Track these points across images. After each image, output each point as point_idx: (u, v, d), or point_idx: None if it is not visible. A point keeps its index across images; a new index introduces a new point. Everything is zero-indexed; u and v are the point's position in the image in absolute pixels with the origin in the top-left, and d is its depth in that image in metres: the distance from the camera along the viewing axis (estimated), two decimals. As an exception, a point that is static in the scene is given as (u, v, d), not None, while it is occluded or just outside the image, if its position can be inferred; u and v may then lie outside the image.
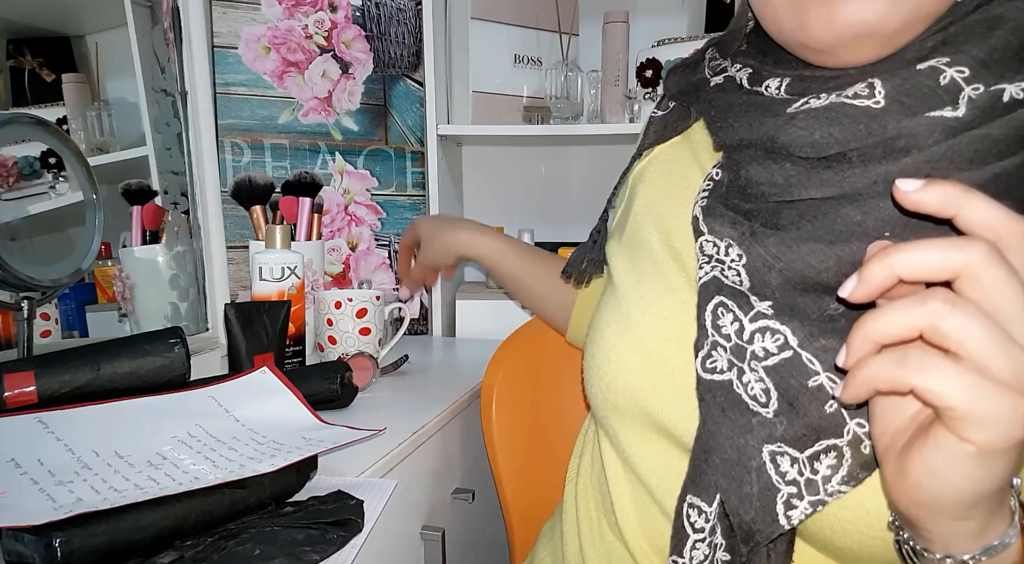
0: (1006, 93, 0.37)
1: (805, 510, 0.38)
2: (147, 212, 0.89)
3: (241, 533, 0.46)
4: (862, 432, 0.38)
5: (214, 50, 1.07)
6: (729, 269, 0.44)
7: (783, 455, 0.39)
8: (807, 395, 0.39)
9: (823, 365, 0.39)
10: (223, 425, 0.56)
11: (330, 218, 1.16)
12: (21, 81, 0.78)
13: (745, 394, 0.42)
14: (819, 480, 0.38)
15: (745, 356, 0.42)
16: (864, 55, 0.41)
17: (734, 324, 0.43)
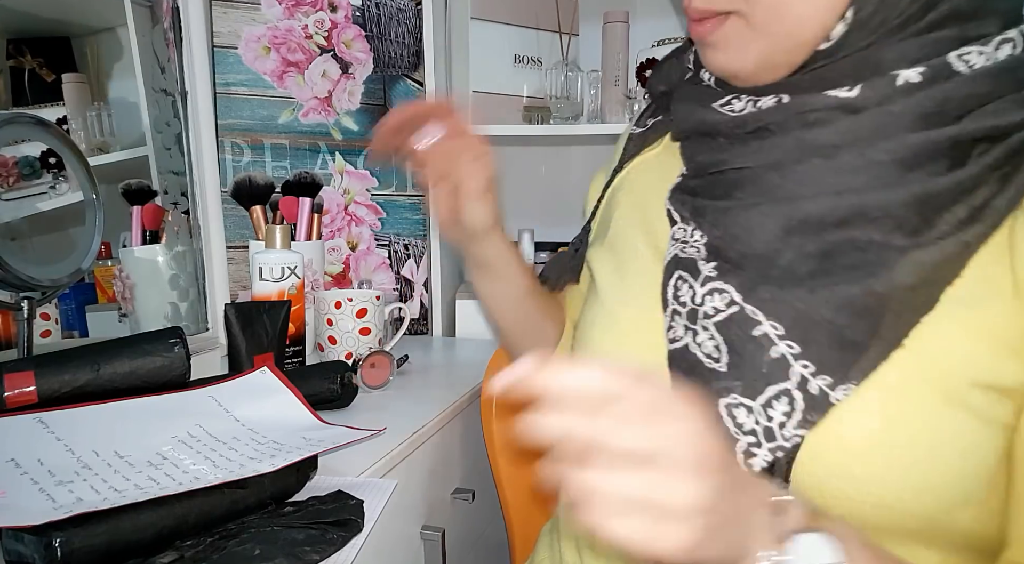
0: (900, 77, 0.41)
1: (766, 457, 0.40)
2: (147, 212, 0.89)
3: (241, 533, 0.46)
4: (807, 373, 0.40)
5: (214, 50, 1.07)
6: (691, 247, 0.48)
7: (738, 407, 0.42)
8: (753, 344, 0.42)
9: (764, 314, 0.42)
10: (223, 425, 0.56)
11: (330, 218, 1.16)
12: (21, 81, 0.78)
13: (700, 353, 0.44)
14: (775, 426, 0.40)
15: (697, 318, 0.45)
16: (744, 84, 0.47)
17: (689, 291, 0.46)
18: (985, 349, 0.37)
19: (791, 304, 0.41)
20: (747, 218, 0.44)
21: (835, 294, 0.40)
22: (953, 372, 0.38)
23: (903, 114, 0.40)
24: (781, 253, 0.42)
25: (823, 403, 0.39)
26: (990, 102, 0.40)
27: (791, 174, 0.43)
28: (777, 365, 0.41)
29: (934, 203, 0.39)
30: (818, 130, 0.42)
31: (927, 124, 0.40)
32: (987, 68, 0.40)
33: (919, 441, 0.38)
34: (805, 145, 0.43)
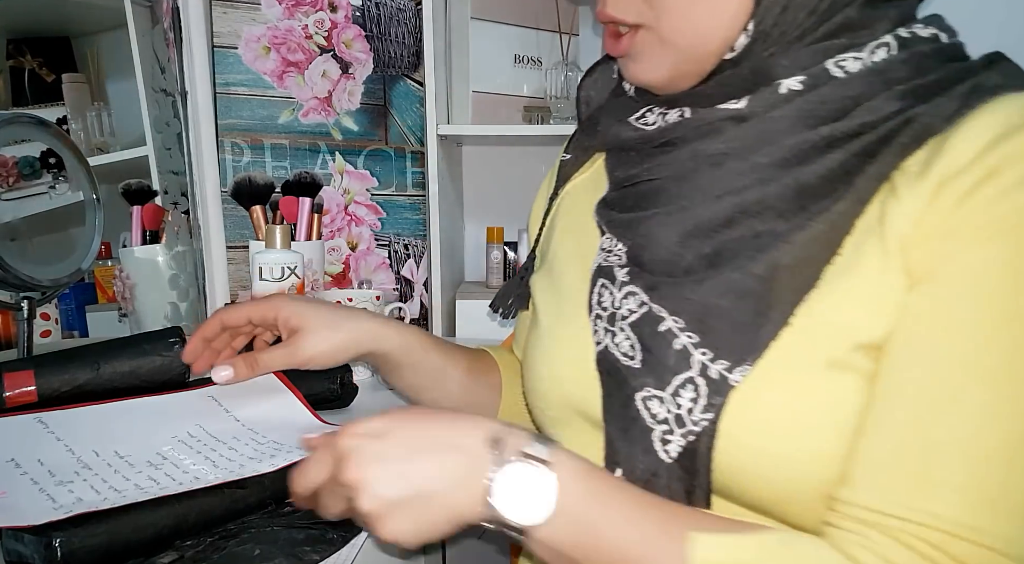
0: (782, 86, 0.44)
1: (679, 442, 0.44)
2: (147, 212, 0.89)
3: (241, 533, 0.46)
4: (706, 360, 0.43)
5: (214, 50, 1.07)
6: (614, 255, 0.51)
7: (652, 398, 0.45)
8: (659, 339, 0.45)
9: (668, 311, 0.46)
10: (223, 425, 0.56)
11: (330, 218, 1.16)
12: (21, 81, 0.78)
13: (618, 353, 0.48)
14: (684, 413, 0.43)
15: (615, 320, 0.49)
16: (662, 92, 0.50)
17: (609, 297, 0.50)
18: (863, 314, 0.40)
19: (686, 297, 0.45)
20: (648, 228, 0.48)
21: (720, 282, 0.44)
22: (837, 340, 0.40)
23: (782, 119, 0.44)
24: (682, 257, 0.46)
25: (723, 386, 0.42)
26: (864, 102, 0.43)
27: (687, 183, 0.47)
28: (680, 356, 0.44)
29: (808, 192, 0.43)
30: (710, 141, 0.47)
31: (805, 127, 0.44)
32: (860, 71, 0.43)
33: (813, 409, 0.40)
34: (699, 155, 0.47)
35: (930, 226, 0.39)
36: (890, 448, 0.37)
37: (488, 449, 0.40)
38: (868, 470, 0.38)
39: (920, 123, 0.41)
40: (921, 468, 0.36)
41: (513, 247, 1.36)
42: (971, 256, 0.37)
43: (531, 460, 0.39)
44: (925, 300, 0.38)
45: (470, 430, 0.41)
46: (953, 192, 0.38)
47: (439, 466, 0.40)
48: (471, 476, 0.39)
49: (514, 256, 1.37)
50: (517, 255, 1.35)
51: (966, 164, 0.38)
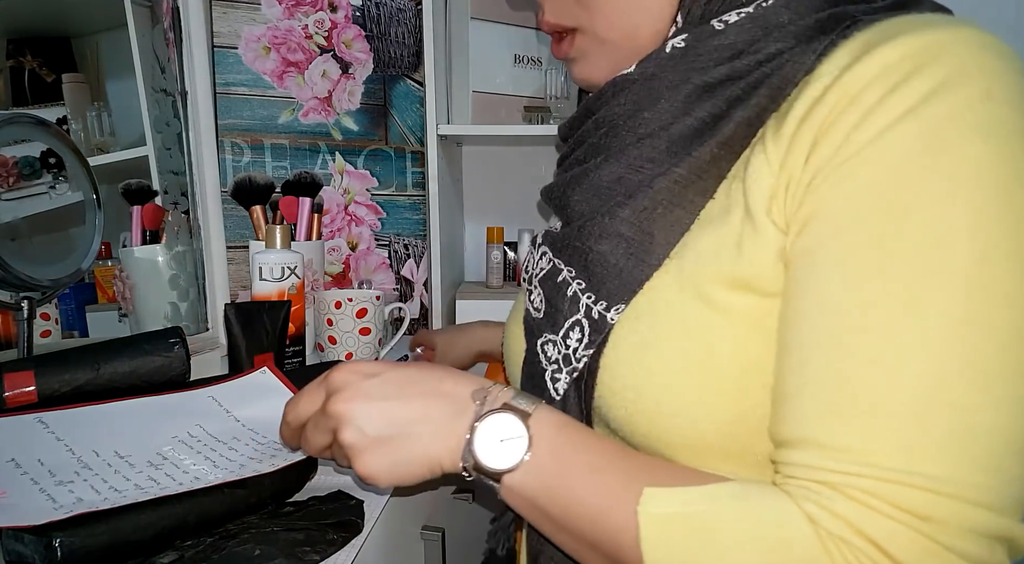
0: (668, 46, 0.46)
1: (566, 380, 0.47)
2: (147, 212, 0.89)
3: (241, 533, 0.46)
4: (590, 302, 0.46)
5: (214, 50, 1.07)
6: (553, 226, 0.55)
7: (549, 343, 0.49)
8: (555, 288, 0.49)
9: (563, 263, 0.49)
10: (223, 425, 0.56)
11: (330, 218, 1.16)
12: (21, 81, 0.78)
13: (532, 308, 0.52)
14: (571, 352, 0.47)
15: (532, 279, 0.53)
16: None
17: (531, 261, 0.55)
18: (726, 251, 0.40)
19: (573, 246, 0.48)
20: (563, 194, 0.51)
21: (596, 226, 0.46)
22: (704, 277, 0.41)
23: (664, 77, 0.46)
24: (579, 213, 0.49)
25: (602, 325, 0.45)
26: (742, 49, 0.44)
27: (591, 149, 0.51)
28: (572, 301, 0.47)
29: (678, 141, 0.44)
30: (608, 108, 0.49)
31: (682, 81, 0.45)
32: (738, 20, 0.44)
33: (686, 348, 0.41)
34: (600, 122, 0.50)
35: (792, 169, 0.38)
36: (813, 402, 0.35)
37: (472, 400, 0.42)
38: (798, 428, 0.36)
39: (792, 63, 0.40)
40: (848, 417, 0.34)
41: (513, 247, 1.36)
42: (841, 191, 0.35)
43: (511, 411, 0.40)
44: (807, 245, 0.37)
45: (459, 381, 0.43)
46: (809, 128, 0.37)
47: (424, 409, 0.41)
48: (453, 423, 0.41)
49: (514, 256, 1.37)
50: (517, 255, 1.35)
51: (819, 96, 0.37)
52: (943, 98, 0.34)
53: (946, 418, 0.32)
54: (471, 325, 0.95)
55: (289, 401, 0.46)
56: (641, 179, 0.46)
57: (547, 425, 0.41)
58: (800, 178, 0.37)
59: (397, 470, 0.41)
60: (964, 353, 0.32)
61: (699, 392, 0.40)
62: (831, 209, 0.36)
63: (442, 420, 0.41)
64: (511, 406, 0.41)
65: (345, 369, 0.43)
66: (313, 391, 0.44)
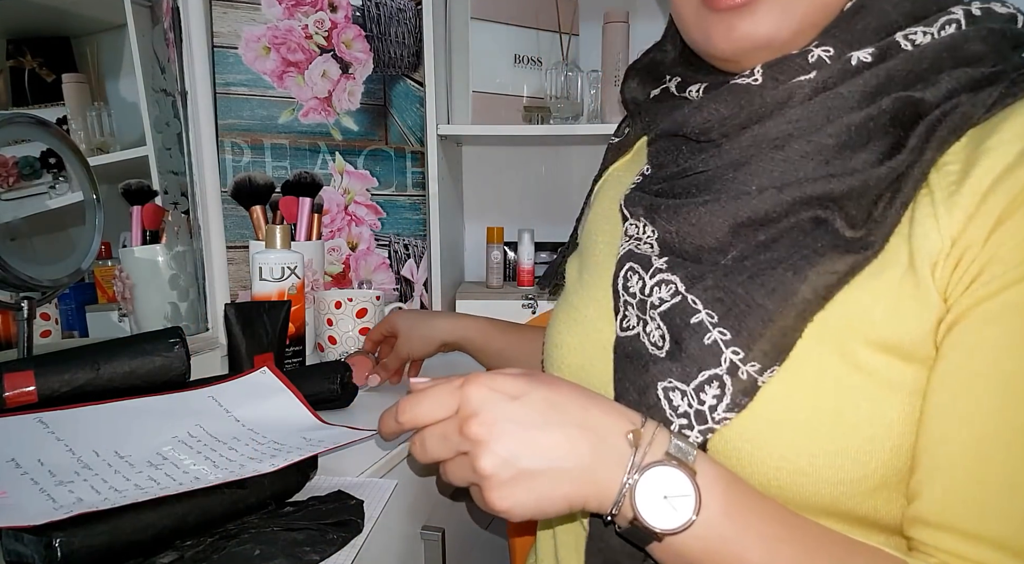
0: (854, 58, 0.42)
1: (696, 439, 0.42)
2: (147, 212, 0.89)
3: (241, 533, 0.46)
4: (737, 359, 0.41)
5: (214, 50, 1.07)
6: (644, 243, 0.49)
7: (674, 390, 0.43)
8: (689, 331, 0.43)
9: (703, 304, 0.43)
10: (223, 425, 0.55)
11: (330, 218, 1.16)
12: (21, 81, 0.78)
13: (648, 342, 0.47)
14: (706, 410, 0.42)
15: (647, 308, 0.47)
16: (758, 59, 0.46)
17: (639, 283, 0.48)
18: (878, 311, 0.39)
19: (730, 290, 0.42)
20: (698, 215, 0.45)
21: (771, 279, 0.41)
22: (850, 337, 0.40)
23: (850, 95, 0.42)
24: (732, 246, 0.44)
25: (752, 387, 0.41)
26: (931, 77, 0.41)
27: (745, 169, 0.45)
28: (710, 351, 0.42)
29: (870, 194, 0.41)
30: (771, 123, 0.44)
31: (870, 102, 0.42)
32: (930, 45, 0.42)
33: (820, 405, 0.40)
34: (759, 139, 0.44)
35: (970, 242, 0.37)
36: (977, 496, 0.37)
37: (627, 442, 0.38)
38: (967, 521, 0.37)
39: (960, 112, 0.39)
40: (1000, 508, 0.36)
41: (513, 247, 1.36)
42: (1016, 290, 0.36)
43: (675, 464, 0.37)
44: (979, 332, 0.37)
45: (606, 411, 0.39)
46: (996, 204, 0.36)
47: (571, 443, 0.37)
48: (609, 468, 0.37)
49: (514, 256, 1.37)
50: (517, 255, 1.35)
51: (1007, 168, 0.36)
52: None
53: None
54: (436, 314, 0.90)
55: (408, 399, 0.41)
56: (834, 232, 0.41)
57: (715, 482, 0.38)
58: (978, 252, 0.37)
59: (540, 506, 0.37)
60: None
61: (833, 455, 0.40)
62: (1009, 307, 0.36)
63: (594, 460, 0.37)
64: (674, 457, 0.37)
65: (485, 384, 0.39)
66: (443, 397, 0.40)
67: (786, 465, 0.40)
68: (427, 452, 0.40)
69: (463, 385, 0.39)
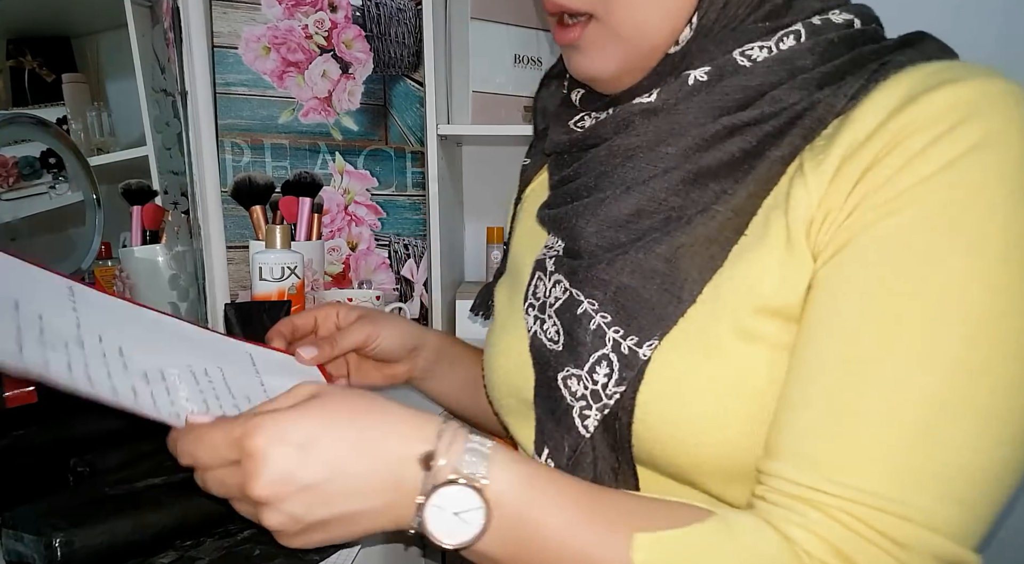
0: (690, 77, 0.46)
1: (596, 417, 0.46)
2: (147, 212, 0.89)
3: (241, 533, 0.46)
4: (618, 336, 0.45)
5: (214, 50, 1.07)
6: (553, 251, 0.54)
7: (571, 377, 0.48)
8: (576, 321, 0.48)
9: (584, 295, 0.48)
10: (244, 380, 0.51)
11: (330, 218, 1.16)
12: (21, 81, 0.78)
13: (545, 339, 0.51)
14: (599, 388, 0.46)
15: (546, 308, 0.52)
16: (605, 89, 0.52)
17: (543, 288, 0.53)
18: (765, 281, 0.42)
19: (600, 279, 0.47)
20: (572, 222, 0.50)
21: (627, 263, 0.46)
22: (741, 307, 0.42)
23: (688, 111, 0.46)
24: (599, 246, 0.48)
25: (634, 360, 0.44)
26: (767, 92, 0.44)
27: (605, 177, 0.49)
28: (596, 335, 0.46)
29: (707, 175, 0.45)
30: (624, 136, 0.48)
31: (708, 118, 0.45)
32: (766, 60, 0.44)
33: (723, 376, 0.42)
34: (614, 151, 0.49)
35: (832, 203, 0.40)
36: (813, 420, 0.38)
37: (420, 466, 0.37)
38: (794, 442, 0.38)
39: (824, 104, 0.42)
40: (844, 440, 0.37)
41: (513, 247, 1.36)
42: (876, 229, 0.38)
43: (463, 482, 0.37)
44: (834, 272, 0.39)
45: (402, 437, 0.38)
46: (854, 167, 0.39)
47: (365, 488, 0.37)
48: (398, 498, 0.38)
49: (514, 256, 1.37)
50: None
51: (865, 137, 0.39)
52: (983, 155, 0.36)
53: (935, 454, 0.35)
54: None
55: (186, 437, 0.39)
56: (669, 214, 0.46)
57: (506, 488, 0.38)
58: (838, 212, 0.39)
59: (336, 540, 0.39)
60: (961, 396, 0.35)
61: (738, 421, 0.41)
62: (862, 244, 0.38)
63: (385, 497, 0.37)
64: (463, 475, 0.37)
65: (269, 438, 0.36)
66: (221, 448, 0.37)
67: (706, 438, 0.42)
68: (208, 489, 0.39)
69: (243, 438, 0.36)
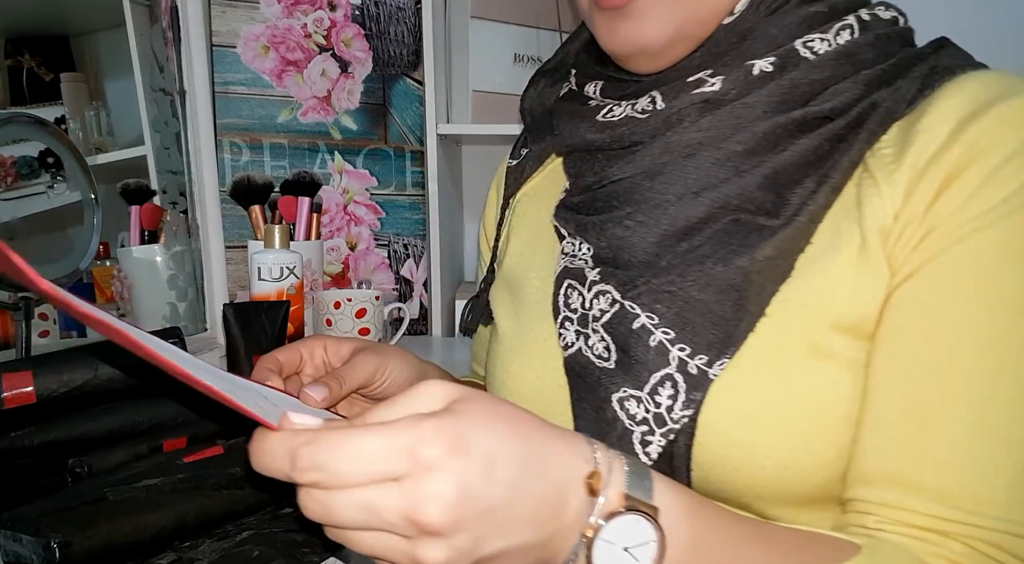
0: (755, 67, 0.43)
1: (659, 442, 0.42)
2: (145, 212, 0.89)
3: (240, 534, 0.46)
4: (684, 355, 0.42)
5: (213, 49, 1.06)
6: (579, 259, 0.49)
7: (629, 399, 0.43)
8: (633, 337, 0.44)
9: (641, 308, 0.44)
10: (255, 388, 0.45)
11: (329, 218, 1.16)
12: (19, 80, 0.78)
13: (592, 355, 0.46)
14: (663, 411, 0.42)
15: (588, 322, 0.47)
16: (646, 66, 0.47)
17: (579, 298, 0.48)
18: (839, 296, 0.40)
19: (664, 290, 0.43)
20: (623, 230, 0.46)
21: (703, 274, 0.42)
22: (814, 322, 0.41)
23: (756, 105, 0.43)
24: (660, 257, 0.45)
25: (703, 381, 0.41)
26: (832, 85, 0.43)
27: (659, 178, 0.45)
28: (657, 352, 0.43)
29: (782, 179, 0.42)
30: (682, 130, 0.45)
31: (777, 111, 0.43)
32: (829, 53, 0.43)
33: (792, 396, 0.40)
34: (671, 147, 0.45)
35: (910, 214, 0.39)
36: (918, 445, 0.38)
37: (587, 492, 0.32)
38: (904, 469, 0.38)
39: (884, 107, 0.42)
40: (961, 466, 0.37)
41: (512, 247, 1.36)
42: (961, 247, 0.38)
43: (635, 510, 0.32)
44: (918, 291, 0.39)
45: (566, 456, 0.32)
46: (931, 179, 0.39)
47: (537, 515, 0.31)
48: (561, 528, 0.32)
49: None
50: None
51: (938, 148, 0.39)
52: None
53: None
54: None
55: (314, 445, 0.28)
56: (744, 221, 0.42)
57: (677, 517, 0.33)
58: (918, 226, 0.39)
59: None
60: None
61: (805, 442, 0.40)
62: (945, 267, 0.38)
63: (551, 525, 0.31)
64: (634, 500, 0.32)
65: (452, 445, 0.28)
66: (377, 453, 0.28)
67: (770, 462, 0.40)
68: (332, 518, 0.29)
69: (418, 446, 0.28)
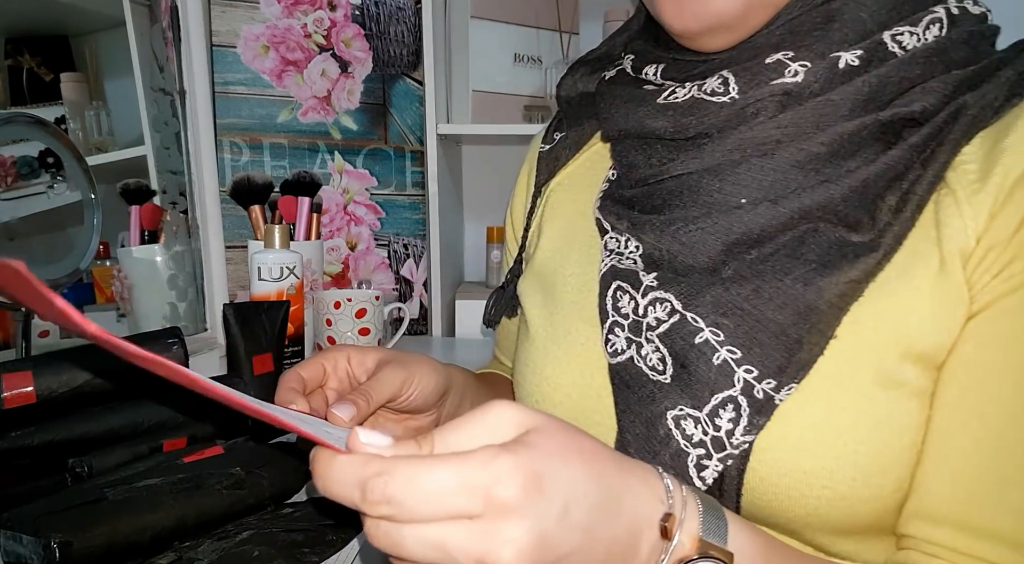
0: (841, 60, 0.40)
1: (716, 467, 0.39)
2: (145, 212, 0.89)
3: (240, 534, 0.46)
4: (751, 378, 0.39)
5: (213, 49, 1.06)
6: (627, 258, 0.46)
7: (686, 418, 0.40)
8: (695, 352, 0.40)
9: (705, 321, 0.40)
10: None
11: (329, 218, 1.16)
12: (19, 80, 0.78)
13: (645, 366, 0.43)
14: (723, 435, 0.39)
15: (641, 330, 0.43)
16: (718, 43, 0.44)
17: (630, 303, 0.44)
18: (912, 319, 0.38)
19: (736, 306, 0.40)
20: (687, 235, 0.42)
21: (780, 293, 0.39)
22: (884, 348, 0.38)
23: (842, 102, 0.40)
24: (726, 264, 0.41)
25: (768, 406, 0.38)
26: (920, 84, 0.40)
27: (730, 178, 0.42)
28: (721, 372, 0.39)
29: (870, 192, 0.39)
30: (758, 126, 0.41)
31: (863, 110, 0.40)
32: (919, 50, 0.40)
33: (858, 425, 0.38)
34: (745, 143, 0.41)
35: (994, 239, 0.36)
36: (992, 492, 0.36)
37: (660, 535, 0.30)
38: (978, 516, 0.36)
39: (970, 114, 0.38)
40: (1002, 503, 0.35)
41: (513, 247, 1.36)
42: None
43: (708, 557, 0.31)
44: (999, 326, 0.36)
45: (641, 499, 0.31)
46: (1020, 202, 0.36)
47: (608, 556, 0.29)
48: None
49: (514, 256, 1.37)
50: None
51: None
52: None
53: None
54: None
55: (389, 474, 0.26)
56: (840, 240, 0.39)
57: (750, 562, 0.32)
58: (1002, 251, 0.36)
59: None
60: None
61: (864, 474, 0.38)
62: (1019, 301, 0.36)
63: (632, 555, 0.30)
64: (707, 544, 0.31)
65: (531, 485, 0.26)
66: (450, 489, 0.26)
67: (826, 492, 0.38)
68: (400, 552, 0.27)
69: (495, 485, 0.26)
